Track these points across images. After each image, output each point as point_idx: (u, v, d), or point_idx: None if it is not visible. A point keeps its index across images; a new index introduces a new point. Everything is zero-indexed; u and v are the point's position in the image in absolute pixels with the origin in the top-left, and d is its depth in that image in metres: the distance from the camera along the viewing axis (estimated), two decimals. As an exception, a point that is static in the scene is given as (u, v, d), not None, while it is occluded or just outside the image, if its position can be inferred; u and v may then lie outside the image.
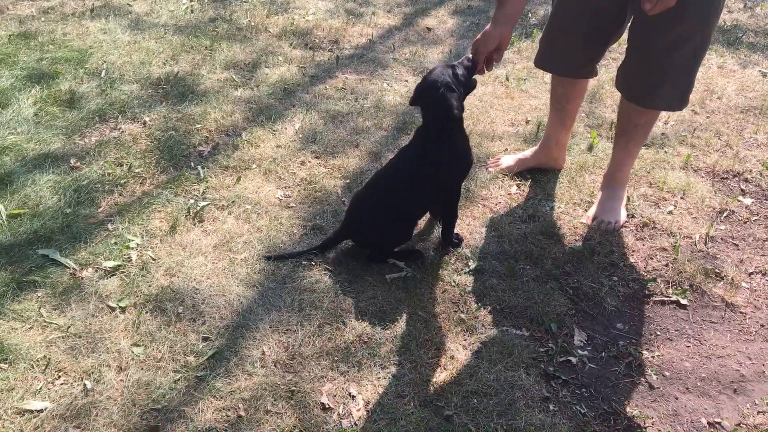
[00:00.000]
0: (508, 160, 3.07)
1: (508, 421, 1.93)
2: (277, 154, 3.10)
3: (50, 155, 2.97)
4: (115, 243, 2.51)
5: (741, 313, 2.36)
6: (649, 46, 2.44)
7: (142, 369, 2.02)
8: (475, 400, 1.98)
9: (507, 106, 3.64)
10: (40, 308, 2.21)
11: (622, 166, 2.78)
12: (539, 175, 3.01)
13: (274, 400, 1.95)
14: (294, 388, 1.99)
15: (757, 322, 2.33)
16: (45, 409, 1.88)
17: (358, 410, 1.94)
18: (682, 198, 2.91)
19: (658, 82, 2.49)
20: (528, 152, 3.09)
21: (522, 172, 3.02)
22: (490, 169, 3.07)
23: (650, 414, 1.99)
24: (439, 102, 2.30)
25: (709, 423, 1.97)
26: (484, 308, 2.31)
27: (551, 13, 2.72)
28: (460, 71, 2.34)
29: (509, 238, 2.64)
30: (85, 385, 1.96)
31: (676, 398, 2.05)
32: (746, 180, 3.07)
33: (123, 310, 2.23)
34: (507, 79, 3.93)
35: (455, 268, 2.48)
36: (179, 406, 1.92)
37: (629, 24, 2.55)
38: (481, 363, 2.11)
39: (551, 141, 3.01)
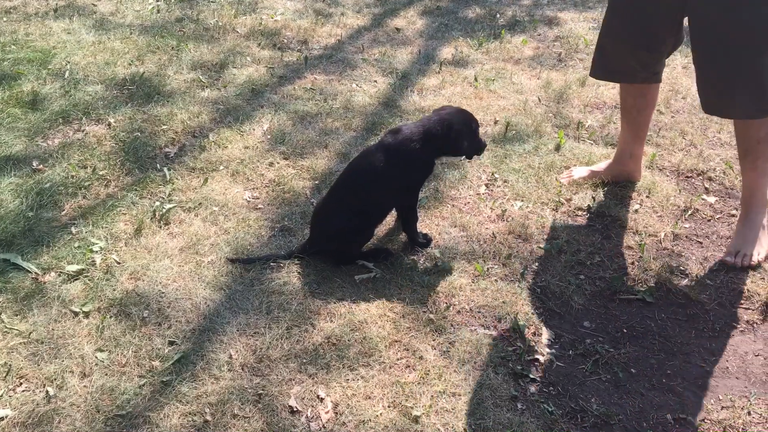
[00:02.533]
0: (581, 172, 3.00)
1: (476, 421, 1.93)
2: (244, 156, 3.08)
3: (12, 158, 2.91)
4: (79, 247, 2.46)
5: (705, 310, 2.40)
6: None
7: (106, 374, 1.99)
8: (444, 400, 1.98)
9: (476, 106, 3.65)
10: (0, 314, 2.16)
11: (757, 188, 2.59)
12: (508, 174, 3.03)
13: (242, 404, 1.93)
14: (261, 391, 1.97)
15: (721, 318, 2.36)
16: (6, 417, 1.84)
17: (327, 412, 1.93)
18: (647, 197, 2.94)
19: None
20: (602, 165, 3.03)
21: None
22: (563, 181, 2.99)
23: (617, 411, 2.00)
24: (457, 132, 2.42)
25: (674, 419, 2.00)
26: (453, 308, 2.32)
27: (603, 20, 2.71)
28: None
29: (478, 238, 2.64)
30: (47, 391, 1.93)
31: (642, 395, 2.07)
32: (710, 178, 3.11)
33: (87, 314, 2.19)
34: (475, 79, 3.94)
35: (424, 269, 2.48)
36: (144, 412, 1.89)
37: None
38: (450, 363, 2.11)
39: (626, 154, 2.95)
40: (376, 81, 3.92)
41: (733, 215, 2.84)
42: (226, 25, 4.52)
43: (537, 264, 2.54)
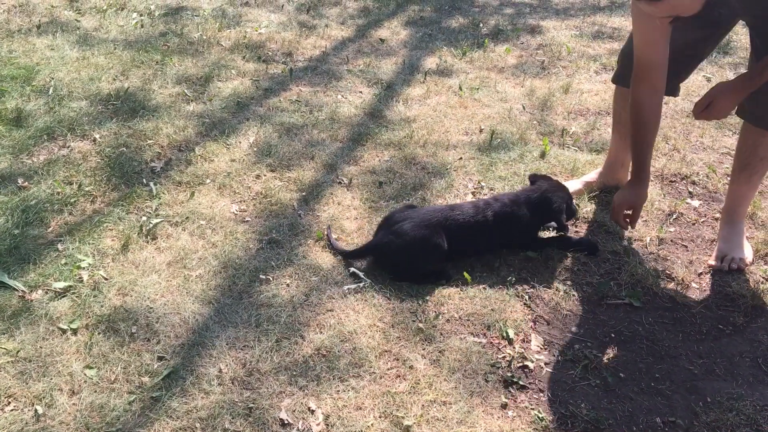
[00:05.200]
0: (575, 185, 3.01)
1: (467, 429, 1.93)
2: (231, 169, 3.08)
3: (-4, 175, 2.90)
4: (66, 263, 2.45)
5: (692, 313, 2.42)
6: None
7: (95, 391, 1.98)
8: (435, 409, 1.98)
9: (461, 115, 3.68)
10: (-13, 333, 2.15)
11: (744, 200, 2.68)
12: (494, 182, 3.05)
13: (232, 418, 1.92)
14: (252, 405, 1.97)
15: (708, 321, 2.39)
16: (-6, 437, 1.83)
17: (318, 424, 1.92)
18: (632, 202, 2.96)
19: None
20: (593, 174, 3.07)
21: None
22: None
23: (607, 415, 2.01)
24: (559, 205, 2.61)
25: (663, 422, 2.01)
26: (442, 317, 2.32)
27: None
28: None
29: (465, 246, 2.65)
30: (36, 410, 1.91)
31: (632, 399, 2.08)
32: (693, 182, 3.14)
33: (75, 331, 2.17)
34: (460, 88, 3.97)
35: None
36: (134, 428, 1.88)
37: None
38: (440, 371, 2.11)
39: (617, 163, 2.99)
40: (361, 92, 3.94)
41: (717, 218, 2.87)
42: (210, 38, 4.53)
43: (525, 271, 2.56)
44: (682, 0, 2.08)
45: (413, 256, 2.46)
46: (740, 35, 4.57)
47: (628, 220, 2.60)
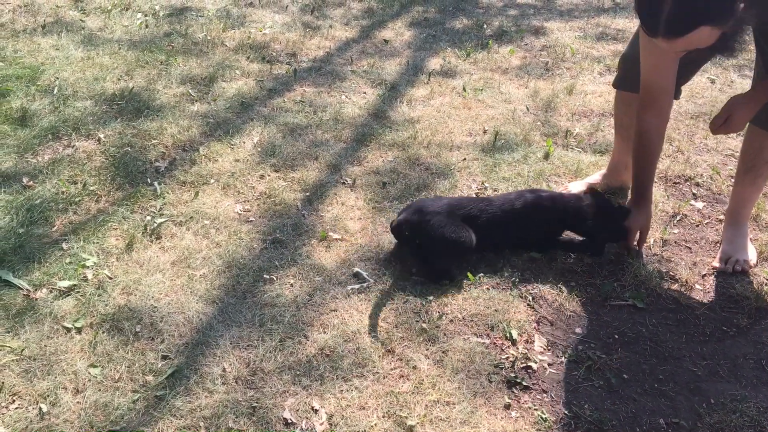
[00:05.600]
0: (578, 186, 3.01)
1: (471, 429, 1.93)
2: (235, 168, 3.08)
3: (1, 174, 2.91)
4: (70, 262, 2.46)
5: (696, 314, 2.42)
6: None
7: (99, 390, 1.99)
8: (438, 410, 1.99)
9: (465, 116, 3.68)
10: (-8, 331, 2.16)
11: (748, 202, 2.68)
12: (497, 183, 3.05)
13: (236, 417, 1.93)
14: (256, 404, 1.97)
15: (712, 323, 2.38)
16: (-2, 435, 1.84)
17: (321, 424, 1.93)
18: (636, 203, 2.97)
19: None
20: (596, 176, 3.07)
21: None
22: None
23: (610, 416, 2.01)
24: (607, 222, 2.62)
25: (667, 423, 2.01)
26: (446, 317, 2.32)
27: (635, 33, 2.66)
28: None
29: (469, 247, 2.65)
30: (40, 408, 1.92)
31: (635, 400, 2.08)
32: (697, 184, 3.14)
33: (79, 330, 2.18)
34: (464, 89, 3.97)
35: (416, 278, 2.49)
36: (138, 427, 1.89)
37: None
38: (444, 372, 2.11)
39: (621, 165, 2.99)
40: (365, 92, 3.94)
41: (721, 220, 2.87)
42: (214, 39, 4.54)
43: (528, 272, 2.56)
44: (699, 35, 2.03)
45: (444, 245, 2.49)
46: (743, 36, 4.55)
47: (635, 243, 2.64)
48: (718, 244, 2.73)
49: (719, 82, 4.17)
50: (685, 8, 1.97)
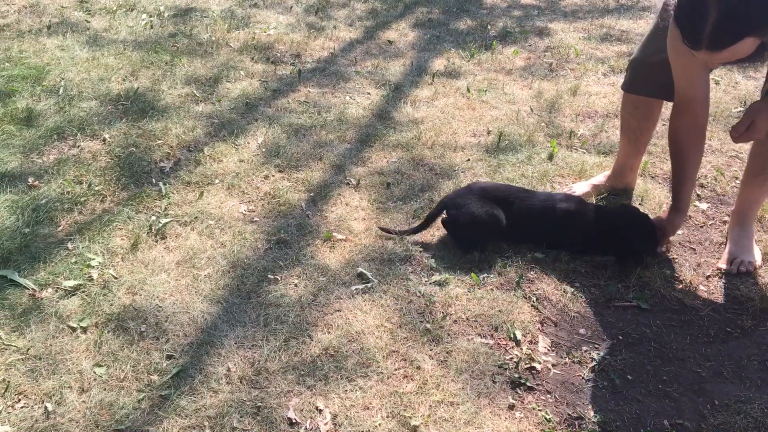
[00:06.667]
0: (582, 188, 3.01)
1: (475, 430, 1.94)
2: (240, 169, 3.09)
3: (7, 174, 2.92)
4: (76, 262, 2.47)
5: (700, 315, 2.42)
6: None
7: (104, 389, 1.99)
8: (442, 410, 1.99)
9: (468, 117, 3.68)
10: (-2, 331, 2.17)
11: (755, 204, 2.68)
12: (501, 184, 3.05)
13: (240, 417, 1.93)
14: (260, 404, 1.98)
15: (716, 324, 2.38)
16: (4, 434, 1.84)
17: (326, 424, 1.93)
18: (640, 204, 2.97)
19: None
20: (601, 177, 3.07)
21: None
22: None
23: (614, 417, 2.01)
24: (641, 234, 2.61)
25: (671, 424, 2.01)
26: (450, 317, 2.33)
27: (646, 37, 2.67)
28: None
29: (473, 248, 2.66)
30: (46, 407, 1.92)
31: (639, 401, 2.08)
32: (702, 185, 3.14)
33: (84, 330, 2.19)
34: (468, 90, 3.97)
35: (420, 279, 2.49)
36: (143, 426, 1.89)
37: None
38: (448, 372, 2.12)
39: (626, 167, 3.00)
40: (369, 93, 3.95)
41: (725, 221, 2.87)
42: (219, 39, 4.55)
43: (532, 273, 2.56)
44: (742, 46, 2.00)
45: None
46: None
47: None
48: (723, 246, 2.73)
49: (723, 83, 4.17)
50: (731, 20, 1.95)
